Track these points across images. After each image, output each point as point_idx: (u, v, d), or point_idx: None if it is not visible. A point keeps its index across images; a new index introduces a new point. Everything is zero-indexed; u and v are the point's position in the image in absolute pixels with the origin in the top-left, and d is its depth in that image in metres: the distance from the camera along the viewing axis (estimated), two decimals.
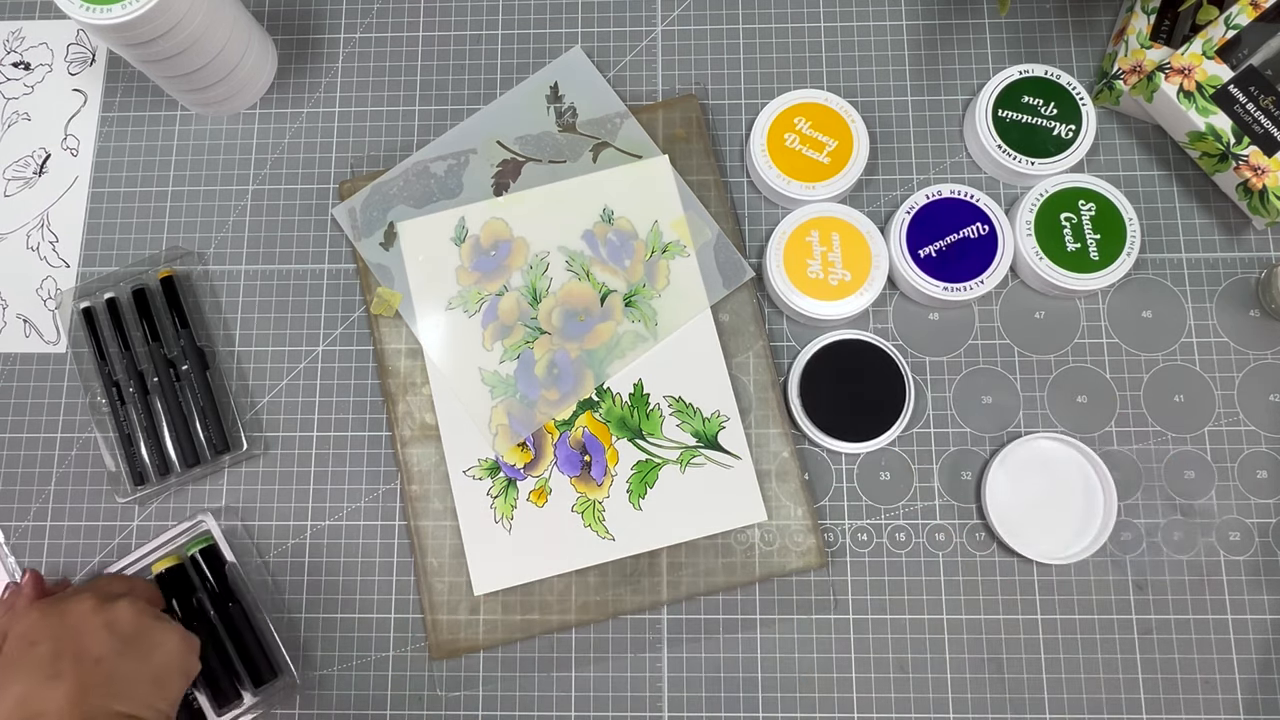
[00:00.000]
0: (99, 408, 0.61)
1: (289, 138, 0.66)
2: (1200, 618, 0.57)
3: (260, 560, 0.60)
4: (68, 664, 0.47)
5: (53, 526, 0.61)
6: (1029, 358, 0.60)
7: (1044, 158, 0.61)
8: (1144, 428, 0.59)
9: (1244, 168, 0.57)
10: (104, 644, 0.49)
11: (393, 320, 0.62)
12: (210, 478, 0.61)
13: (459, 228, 0.62)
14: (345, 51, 0.67)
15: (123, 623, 0.50)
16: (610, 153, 0.63)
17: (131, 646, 0.49)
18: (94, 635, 0.49)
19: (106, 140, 0.66)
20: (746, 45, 0.66)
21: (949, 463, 0.59)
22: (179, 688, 0.51)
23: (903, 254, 0.59)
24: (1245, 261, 0.61)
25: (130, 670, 0.49)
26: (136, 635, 0.50)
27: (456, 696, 0.58)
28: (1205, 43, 0.58)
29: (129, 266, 0.64)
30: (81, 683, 0.47)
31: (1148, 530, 0.58)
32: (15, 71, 0.68)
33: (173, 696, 0.50)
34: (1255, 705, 0.56)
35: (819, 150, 0.61)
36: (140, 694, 0.49)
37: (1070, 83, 0.62)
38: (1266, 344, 0.60)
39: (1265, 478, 0.58)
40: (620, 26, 0.66)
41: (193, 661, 0.52)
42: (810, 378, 0.59)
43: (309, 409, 0.62)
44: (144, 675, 0.49)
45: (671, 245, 0.61)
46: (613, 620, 0.58)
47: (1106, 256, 0.59)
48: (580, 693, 0.57)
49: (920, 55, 0.65)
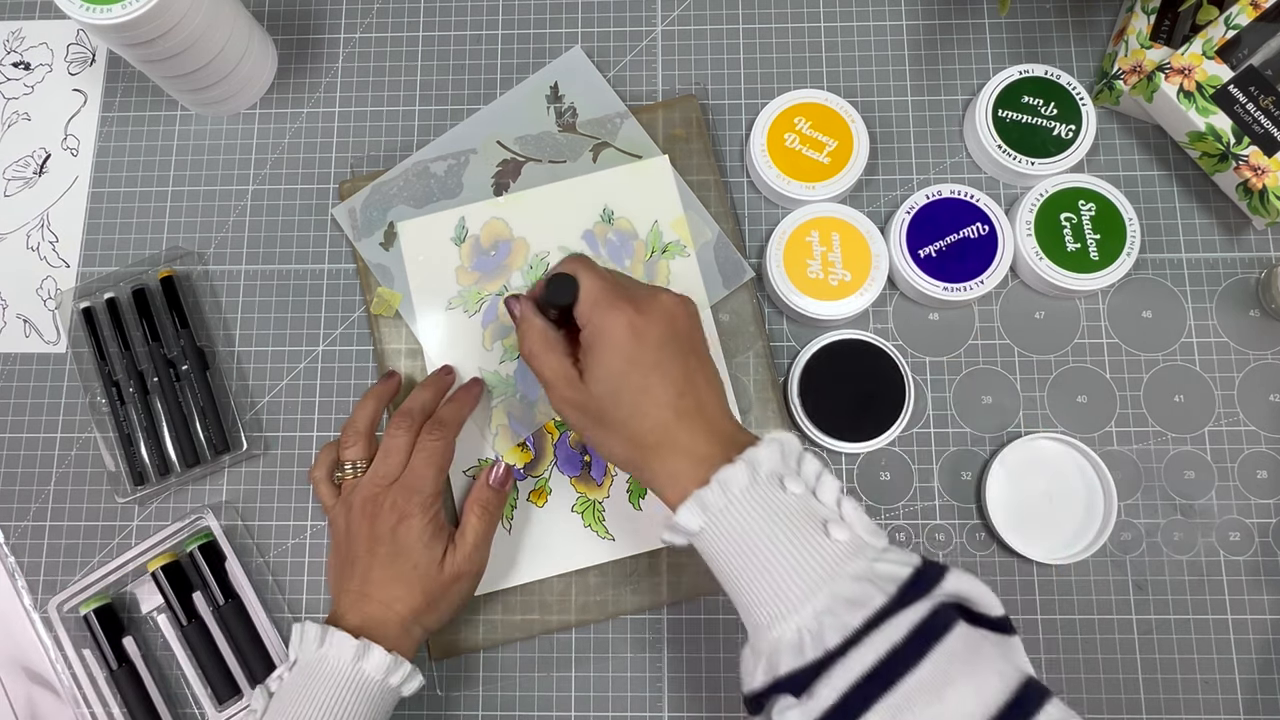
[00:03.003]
0: (99, 408, 0.61)
1: (289, 138, 0.66)
2: (1200, 618, 0.57)
3: (260, 560, 0.60)
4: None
5: (52, 526, 0.61)
6: (1029, 358, 0.60)
7: (1044, 158, 0.61)
8: (1144, 428, 0.59)
9: (1244, 168, 0.57)
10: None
11: (393, 320, 0.62)
12: (210, 478, 0.61)
13: (459, 228, 0.62)
14: (345, 51, 0.67)
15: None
16: (610, 153, 0.63)
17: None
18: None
19: (106, 140, 0.66)
20: (746, 45, 0.66)
21: (949, 463, 0.59)
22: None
23: (903, 254, 0.59)
24: (1245, 261, 0.61)
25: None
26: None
27: (457, 696, 0.58)
28: (1205, 43, 0.58)
29: (129, 266, 0.64)
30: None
31: (1148, 530, 0.58)
32: (15, 71, 0.68)
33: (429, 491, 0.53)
34: (1255, 705, 0.56)
35: (819, 150, 0.61)
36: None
37: (1070, 83, 0.62)
38: (1266, 344, 0.60)
39: (1265, 478, 0.58)
40: (620, 26, 0.66)
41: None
42: (810, 378, 0.59)
43: (309, 409, 0.62)
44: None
45: (671, 245, 0.61)
46: (613, 620, 0.58)
47: (1106, 256, 0.59)
48: (580, 693, 0.57)
49: (920, 55, 0.65)
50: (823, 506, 0.41)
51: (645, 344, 0.45)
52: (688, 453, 0.43)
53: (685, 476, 0.42)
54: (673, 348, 0.45)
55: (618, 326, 0.45)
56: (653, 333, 0.45)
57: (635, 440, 0.44)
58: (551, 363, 0.47)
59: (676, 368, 0.45)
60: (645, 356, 0.45)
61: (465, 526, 0.53)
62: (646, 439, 0.44)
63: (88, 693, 0.58)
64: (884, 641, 0.37)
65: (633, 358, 0.44)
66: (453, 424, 0.55)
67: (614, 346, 0.45)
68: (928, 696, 0.35)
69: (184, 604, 0.58)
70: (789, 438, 0.43)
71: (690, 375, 0.45)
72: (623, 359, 0.45)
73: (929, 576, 0.39)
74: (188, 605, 0.58)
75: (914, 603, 0.38)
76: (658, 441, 0.44)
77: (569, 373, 0.47)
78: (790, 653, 0.38)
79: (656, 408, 0.44)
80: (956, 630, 0.37)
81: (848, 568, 0.39)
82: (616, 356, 0.45)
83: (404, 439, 0.54)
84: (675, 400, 0.44)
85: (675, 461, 0.43)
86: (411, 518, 0.51)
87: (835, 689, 0.36)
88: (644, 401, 0.44)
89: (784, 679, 0.38)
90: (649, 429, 0.44)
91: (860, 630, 0.37)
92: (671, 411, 0.44)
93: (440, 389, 0.58)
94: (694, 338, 0.47)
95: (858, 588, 0.38)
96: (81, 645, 0.58)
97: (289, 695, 0.47)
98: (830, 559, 0.39)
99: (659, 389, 0.44)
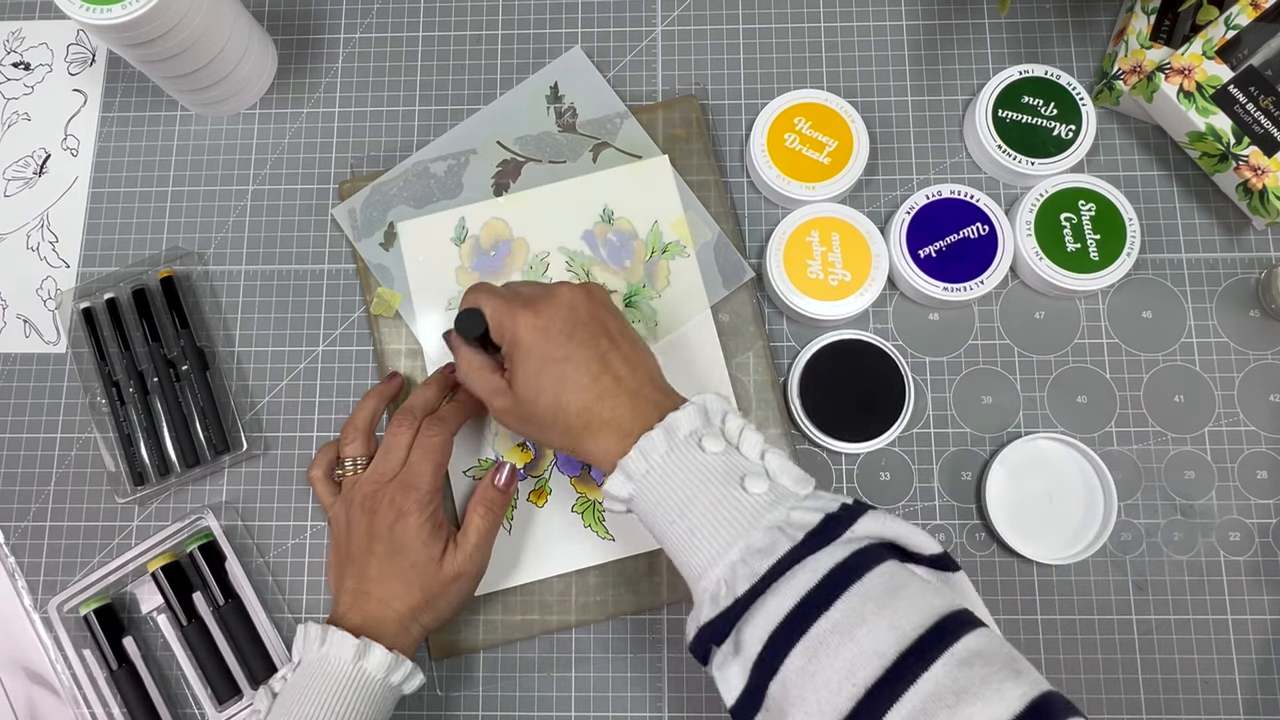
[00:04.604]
0: (99, 408, 0.61)
1: (289, 138, 0.66)
2: (1200, 618, 0.57)
3: (260, 560, 0.60)
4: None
5: (52, 526, 0.61)
6: (1029, 358, 0.60)
7: (1044, 158, 0.61)
8: (1144, 428, 0.59)
9: (1244, 168, 0.57)
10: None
11: (393, 320, 0.62)
12: (210, 478, 0.61)
13: (459, 228, 0.62)
14: (345, 51, 0.67)
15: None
16: (610, 153, 0.63)
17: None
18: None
19: (106, 140, 0.66)
20: (746, 45, 0.66)
21: (949, 463, 0.59)
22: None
23: (903, 254, 0.59)
24: (1245, 261, 0.61)
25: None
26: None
27: (457, 696, 0.58)
28: (1205, 43, 0.58)
29: (129, 267, 0.64)
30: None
31: (1148, 530, 0.58)
32: (15, 71, 0.68)
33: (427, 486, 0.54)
34: (1255, 705, 0.56)
35: (819, 150, 0.61)
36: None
37: (1070, 83, 0.62)
38: (1266, 344, 0.60)
39: (1265, 478, 0.58)
40: (620, 26, 0.66)
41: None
42: (810, 378, 0.59)
43: (309, 409, 0.62)
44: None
45: (671, 245, 0.61)
46: (613, 620, 0.58)
47: (1106, 256, 0.59)
48: (580, 693, 0.57)
49: (920, 55, 0.65)
50: (746, 461, 0.43)
51: (551, 340, 0.47)
52: (613, 426, 0.45)
53: (614, 450, 0.45)
54: (581, 335, 0.48)
55: (522, 332, 0.48)
56: (555, 327, 0.48)
57: (566, 428, 0.47)
58: (481, 380, 0.51)
59: (587, 352, 0.47)
60: (554, 351, 0.47)
61: (468, 526, 0.53)
62: (574, 424, 0.46)
63: (88, 693, 0.58)
64: (797, 587, 0.38)
65: (544, 355, 0.47)
66: (452, 421, 0.56)
67: (525, 351, 0.48)
68: (839, 637, 0.36)
69: (184, 604, 0.58)
70: (713, 398, 0.45)
71: (603, 356, 0.47)
72: (536, 359, 0.47)
73: (841, 520, 0.40)
74: (188, 605, 0.58)
75: (826, 546, 0.39)
76: (584, 424, 0.46)
77: (498, 385, 0.50)
78: (710, 604, 0.40)
79: (576, 394, 0.46)
80: (877, 570, 0.38)
81: (765, 518, 0.40)
82: (530, 359, 0.48)
83: (405, 436, 0.54)
84: (591, 383, 0.46)
85: (604, 438, 0.45)
86: (409, 515, 0.51)
87: (757, 638, 0.38)
88: (563, 391, 0.47)
89: (705, 628, 0.40)
90: (574, 414, 0.46)
91: (766, 576, 0.39)
92: (591, 394, 0.46)
93: (443, 387, 0.58)
94: (601, 320, 0.49)
95: (769, 536, 0.40)
96: (81, 645, 0.58)
97: (291, 695, 0.48)
98: (748, 511, 0.41)
99: (574, 376, 0.47)
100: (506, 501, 0.56)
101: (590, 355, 0.47)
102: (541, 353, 0.47)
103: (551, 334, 0.47)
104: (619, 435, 0.45)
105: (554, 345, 0.47)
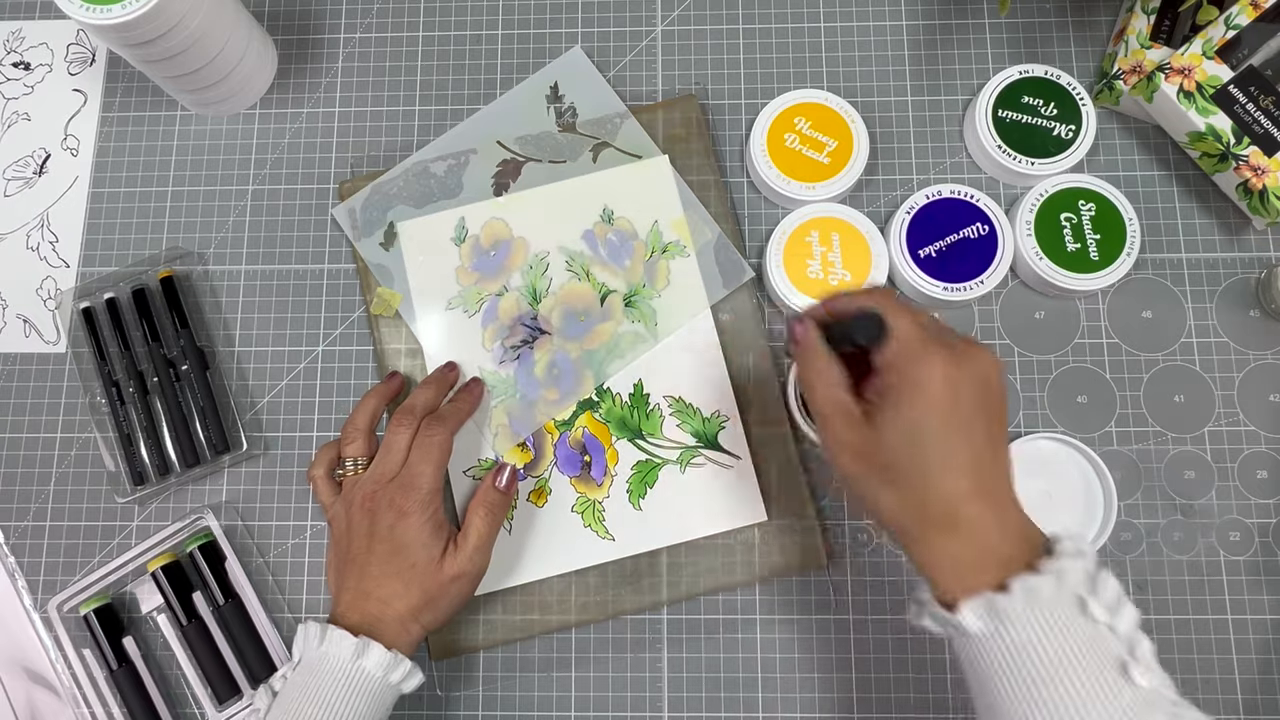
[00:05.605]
0: (99, 408, 0.61)
1: (289, 138, 0.66)
2: (1200, 618, 0.57)
3: (260, 560, 0.60)
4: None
5: (52, 526, 0.61)
6: (1029, 357, 0.60)
7: (1044, 158, 0.61)
8: (1144, 428, 0.59)
9: (1244, 168, 0.57)
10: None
11: (393, 320, 0.62)
12: (210, 478, 0.61)
13: (459, 228, 0.62)
14: (345, 51, 0.67)
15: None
16: (610, 153, 0.63)
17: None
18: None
19: (106, 140, 0.66)
20: (746, 45, 0.66)
21: None
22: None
23: (903, 254, 0.59)
24: (1245, 261, 0.61)
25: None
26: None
27: (457, 696, 0.58)
28: (1205, 43, 0.58)
29: (129, 266, 0.64)
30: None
31: (1148, 530, 0.58)
32: (15, 71, 0.68)
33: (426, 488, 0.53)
34: (1255, 705, 0.56)
35: (819, 150, 0.61)
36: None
37: (1070, 83, 0.62)
38: (1266, 344, 0.60)
39: (1265, 478, 0.58)
40: (620, 26, 0.66)
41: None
42: None
43: (309, 409, 0.62)
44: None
45: (671, 245, 0.61)
46: (613, 620, 0.58)
47: (1106, 256, 0.59)
48: (580, 693, 0.57)
49: (920, 55, 0.65)
50: (1115, 640, 0.38)
51: (960, 402, 0.40)
52: (976, 540, 0.40)
53: (969, 567, 0.39)
54: (984, 413, 0.41)
55: (933, 378, 0.40)
56: (968, 391, 0.41)
57: (919, 505, 0.41)
58: (832, 398, 0.43)
59: (981, 436, 0.41)
60: (956, 416, 0.40)
61: (469, 527, 0.53)
62: (932, 508, 0.40)
63: (88, 693, 0.58)
64: None
65: (945, 415, 0.40)
66: (452, 420, 0.56)
67: (926, 398, 0.40)
68: None
69: (184, 604, 0.58)
70: (1089, 548, 0.40)
71: (995, 448, 0.41)
72: (935, 414, 0.40)
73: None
74: (188, 605, 0.58)
75: None
76: (944, 515, 0.40)
77: (853, 412, 0.42)
78: None
79: (953, 475, 0.40)
80: None
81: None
82: (927, 410, 0.40)
83: (405, 436, 0.54)
84: (972, 471, 0.40)
85: (960, 546, 0.40)
86: (409, 515, 0.51)
87: None
88: (943, 466, 0.40)
89: None
90: (940, 498, 0.40)
91: None
92: (969, 484, 0.40)
93: (443, 386, 0.58)
94: (1002, 402, 0.42)
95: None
96: (81, 645, 0.58)
97: (291, 693, 0.48)
98: (1126, 709, 0.36)
99: (962, 456, 0.40)
100: (507, 503, 0.55)
101: (984, 441, 0.41)
102: (944, 410, 0.40)
103: (962, 396, 0.40)
104: (980, 553, 0.39)
105: (959, 409, 0.40)
